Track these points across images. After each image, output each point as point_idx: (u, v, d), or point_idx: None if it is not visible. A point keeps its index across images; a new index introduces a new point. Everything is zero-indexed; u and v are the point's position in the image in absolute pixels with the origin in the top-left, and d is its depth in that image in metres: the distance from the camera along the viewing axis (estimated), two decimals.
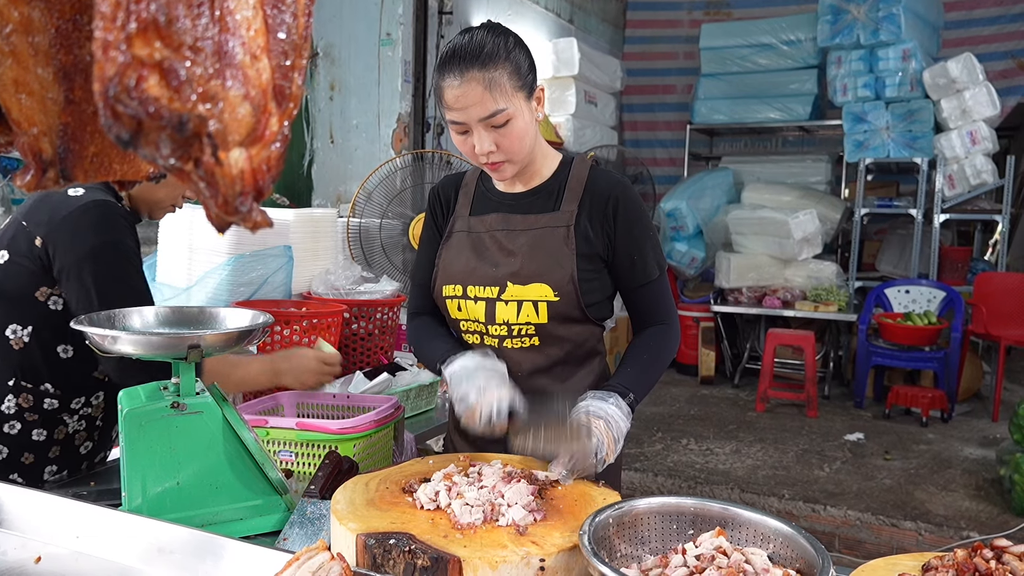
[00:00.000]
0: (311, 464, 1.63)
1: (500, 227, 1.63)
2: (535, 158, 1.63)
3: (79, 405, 1.77)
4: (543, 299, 1.56)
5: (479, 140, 1.49)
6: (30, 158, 0.61)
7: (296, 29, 0.60)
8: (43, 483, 1.76)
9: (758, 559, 1.07)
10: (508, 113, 1.47)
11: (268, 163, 0.57)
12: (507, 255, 1.60)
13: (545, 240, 1.58)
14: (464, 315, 1.64)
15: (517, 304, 1.58)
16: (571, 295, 1.56)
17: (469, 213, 1.69)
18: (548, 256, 1.57)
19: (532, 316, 1.58)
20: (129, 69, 0.46)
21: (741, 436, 5.27)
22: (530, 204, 1.64)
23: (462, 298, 1.63)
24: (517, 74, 1.48)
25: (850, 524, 3.98)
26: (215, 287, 2.29)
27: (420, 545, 1.08)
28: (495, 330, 1.61)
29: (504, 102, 1.46)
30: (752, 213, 6.53)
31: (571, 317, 1.59)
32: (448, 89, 1.47)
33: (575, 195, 1.61)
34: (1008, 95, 6.62)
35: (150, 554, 1.20)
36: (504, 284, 1.58)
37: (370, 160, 4.55)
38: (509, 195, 1.67)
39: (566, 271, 1.56)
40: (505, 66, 1.47)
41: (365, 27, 4.70)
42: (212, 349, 1.40)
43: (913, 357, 5.74)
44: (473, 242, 1.65)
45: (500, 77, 1.46)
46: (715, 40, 7.32)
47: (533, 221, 1.61)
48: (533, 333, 1.60)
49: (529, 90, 1.52)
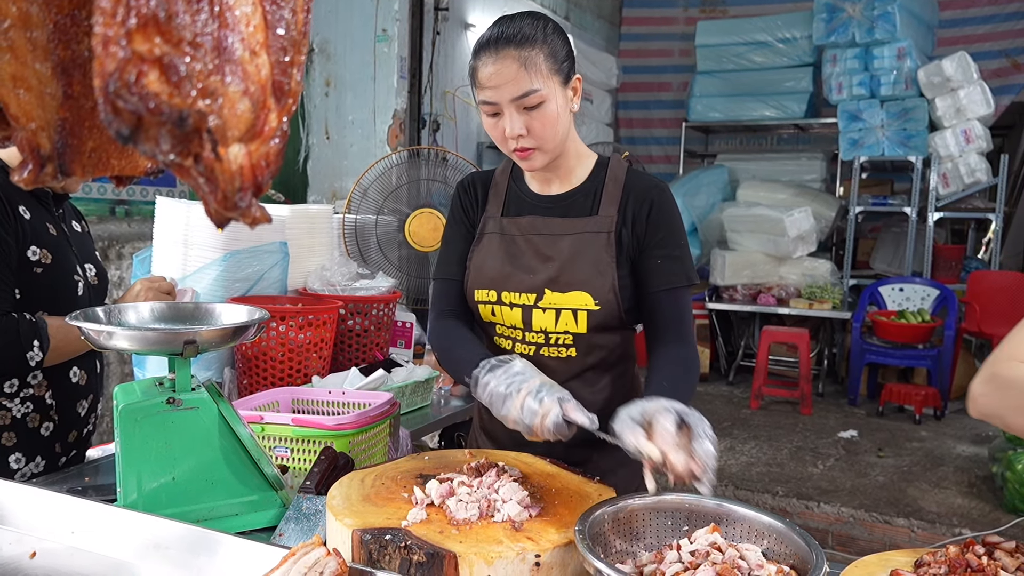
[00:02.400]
0: (307, 460, 1.63)
1: (537, 231, 1.56)
2: (569, 156, 1.57)
3: (14, 388, 1.76)
4: (583, 308, 1.51)
5: (510, 122, 1.44)
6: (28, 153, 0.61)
7: (295, 25, 0.60)
8: (15, 474, 1.76)
9: (752, 555, 1.07)
10: (542, 95, 1.43)
11: (267, 159, 0.58)
12: (544, 260, 1.54)
13: (585, 246, 1.52)
14: (499, 320, 1.58)
15: (555, 312, 1.52)
16: (612, 304, 1.50)
17: (501, 214, 1.62)
18: (589, 264, 1.51)
19: (571, 325, 1.52)
20: (129, 65, 0.46)
21: (735, 433, 5.28)
22: (567, 207, 1.57)
23: (496, 304, 1.57)
24: (553, 57, 1.45)
25: (843, 521, 4.00)
26: (210, 283, 2.29)
27: (416, 541, 1.08)
28: (532, 337, 1.56)
29: (539, 82, 1.42)
30: (747, 211, 6.55)
31: (610, 326, 1.54)
32: (482, 67, 1.45)
33: (613, 198, 1.55)
34: (1002, 94, 6.64)
35: (145, 550, 1.20)
36: (542, 291, 1.52)
37: (366, 156, 4.54)
38: (545, 197, 1.60)
39: (607, 280, 1.50)
40: (542, 48, 1.44)
41: (361, 23, 4.69)
42: (208, 345, 1.40)
43: (907, 355, 5.76)
44: (507, 245, 1.58)
45: (536, 57, 1.42)
46: (711, 38, 7.33)
47: (571, 225, 1.54)
48: (571, 343, 1.54)
49: (565, 77, 1.48)
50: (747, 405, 5.99)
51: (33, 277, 1.75)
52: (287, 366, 2.22)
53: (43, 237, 1.78)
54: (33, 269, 1.75)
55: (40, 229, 1.78)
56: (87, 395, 1.91)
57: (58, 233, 1.85)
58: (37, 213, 1.80)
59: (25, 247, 1.74)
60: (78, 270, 1.87)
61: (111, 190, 3.76)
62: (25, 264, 1.74)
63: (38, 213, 1.80)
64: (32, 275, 1.74)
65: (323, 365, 2.32)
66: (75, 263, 1.87)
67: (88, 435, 1.96)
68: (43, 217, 1.82)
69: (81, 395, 1.89)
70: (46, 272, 1.77)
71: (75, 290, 1.83)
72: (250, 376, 2.24)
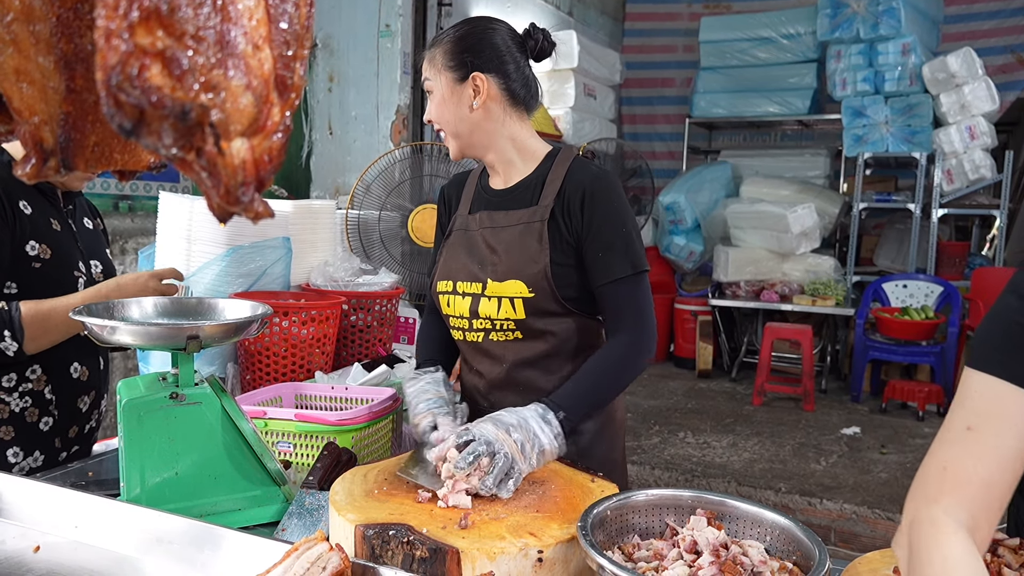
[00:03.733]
0: (310, 455, 1.63)
1: (486, 224, 1.67)
2: (504, 151, 1.67)
3: (13, 383, 1.76)
4: (518, 295, 1.58)
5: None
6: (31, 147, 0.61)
7: (298, 19, 0.60)
8: (11, 468, 1.76)
9: (755, 552, 1.07)
10: (430, 84, 1.63)
11: (270, 153, 0.57)
12: (491, 252, 1.63)
13: (522, 236, 1.61)
14: (452, 311, 1.68)
15: (497, 300, 1.60)
16: (545, 290, 1.57)
17: (468, 212, 1.73)
18: (523, 252, 1.59)
19: (510, 312, 1.60)
20: (132, 58, 0.46)
21: (738, 429, 5.28)
22: (512, 200, 1.67)
23: (451, 294, 1.67)
24: (448, 54, 1.61)
25: (846, 517, 4.00)
26: (214, 278, 2.29)
27: (419, 536, 1.08)
28: (478, 324, 1.65)
29: (430, 73, 1.63)
30: (750, 207, 6.53)
31: (549, 311, 1.60)
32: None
33: (553, 187, 1.62)
34: (1007, 90, 6.61)
35: (149, 544, 1.20)
36: (485, 281, 1.62)
37: (369, 152, 4.54)
38: (495, 192, 1.70)
39: (539, 267, 1.57)
40: (443, 44, 1.62)
41: (364, 18, 4.68)
42: (211, 340, 1.40)
43: (910, 351, 5.75)
44: (467, 240, 1.69)
45: (435, 52, 1.62)
46: (714, 33, 7.30)
47: (513, 218, 1.64)
48: (514, 328, 1.62)
49: (459, 75, 1.61)
50: (750, 401, 5.99)
51: (31, 272, 1.75)
52: (290, 361, 2.22)
53: (44, 232, 1.78)
54: (31, 264, 1.75)
55: (41, 224, 1.78)
56: (89, 390, 1.91)
57: (63, 229, 1.85)
58: (40, 208, 1.80)
59: (23, 242, 1.74)
60: (80, 266, 1.87)
61: (115, 185, 3.76)
62: (23, 258, 1.74)
63: (41, 208, 1.80)
64: (30, 270, 1.75)
65: (326, 361, 2.32)
66: (77, 259, 1.87)
67: (92, 431, 1.96)
68: (46, 212, 1.82)
69: (83, 390, 1.89)
70: (45, 267, 1.77)
71: (75, 286, 1.83)
72: (253, 371, 2.24)
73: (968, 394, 0.95)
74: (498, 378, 1.67)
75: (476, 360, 1.71)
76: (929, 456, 0.94)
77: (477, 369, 1.72)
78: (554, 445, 1.37)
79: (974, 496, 0.88)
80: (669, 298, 7.09)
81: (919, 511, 0.89)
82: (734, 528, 1.17)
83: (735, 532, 1.17)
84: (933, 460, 0.93)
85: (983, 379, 0.94)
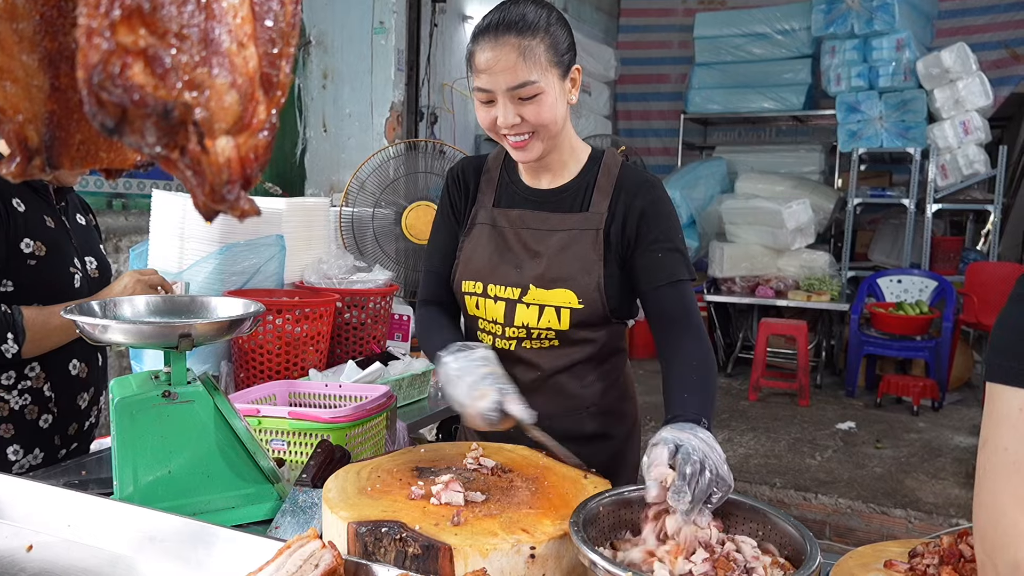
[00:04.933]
0: (303, 453, 1.63)
1: (526, 225, 1.54)
2: (563, 150, 1.54)
3: (12, 380, 1.76)
4: (567, 305, 1.49)
5: (503, 112, 1.41)
6: (16, 146, 0.61)
7: (283, 16, 0.59)
8: (11, 465, 1.76)
9: (747, 547, 1.08)
10: (539, 87, 1.39)
11: (256, 151, 0.57)
12: (532, 256, 1.52)
13: (573, 243, 1.50)
14: (482, 313, 1.57)
15: (539, 308, 1.51)
16: (596, 303, 1.49)
17: (493, 204, 1.59)
18: (575, 261, 1.49)
19: (553, 322, 1.51)
20: (113, 56, 0.46)
21: (733, 425, 5.29)
22: (558, 202, 1.55)
23: (482, 296, 1.56)
24: (554, 49, 1.41)
25: (841, 512, 4.01)
26: (207, 276, 2.28)
27: (411, 533, 1.08)
28: (512, 332, 1.54)
29: (536, 74, 1.39)
30: (745, 203, 6.54)
31: (593, 323, 1.52)
32: (480, 52, 1.41)
33: (605, 194, 1.52)
34: (1001, 85, 6.63)
35: (142, 542, 1.20)
36: (527, 286, 1.51)
37: (363, 149, 4.53)
38: (536, 190, 1.57)
39: (593, 278, 1.48)
40: (544, 38, 1.40)
41: (358, 15, 4.67)
42: (203, 338, 1.40)
43: (905, 346, 5.77)
44: (497, 237, 1.56)
45: (536, 48, 1.38)
46: (709, 29, 7.31)
47: (560, 221, 1.52)
48: (553, 337, 1.53)
49: (564, 69, 1.45)
50: (745, 397, 6.00)
51: (26, 269, 1.74)
52: (284, 359, 2.22)
53: (38, 229, 1.78)
54: (27, 261, 1.74)
55: (35, 221, 1.78)
56: (88, 387, 1.91)
57: (56, 225, 1.84)
58: (33, 205, 1.80)
59: (18, 239, 1.73)
60: (75, 263, 1.86)
61: (108, 183, 3.75)
62: (18, 256, 1.73)
63: (35, 205, 1.80)
64: (25, 267, 1.74)
65: (320, 358, 2.32)
66: (73, 256, 1.86)
67: (91, 428, 1.96)
68: (40, 209, 1.81)
69: (82, 387, 1.89)
70: (40, 264, 1.77)
71: (71, 283, 1.83)
72: (247, 369, 2.24)
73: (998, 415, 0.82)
74: (530, 384, 1.55)
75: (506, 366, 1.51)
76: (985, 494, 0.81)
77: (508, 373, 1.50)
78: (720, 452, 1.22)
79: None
80: None
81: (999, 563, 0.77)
82: (727, 523, 1.17)
83: (728, 527, 1.17)
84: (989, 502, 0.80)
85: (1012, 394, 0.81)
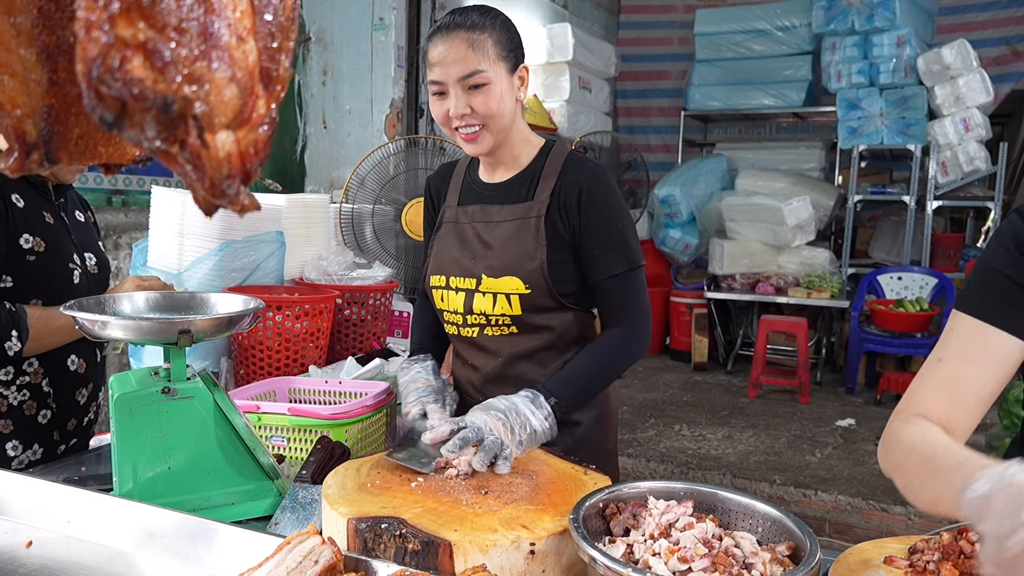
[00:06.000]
0: (303, 449, 1.63)
1: (480, 218, 1.65)
2: (514, 144, 1.63)
3: (10, 376, 1.76)
4: (515, 292, 1.57)
5: (454, 101, 1.50)
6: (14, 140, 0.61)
7: (283, 11, 0.59)
8: (11, 461, 1.76)
9: (747, 543, 1.08)
10: (486, 76, 1.49)
11: (255, 146, 0.57)
12: (485, 247, 1.62)
13: (518, 232, 1.59)
14: (446, 305, 1.67)
15: (492, 296, 1.59)
16: (542, 287, 1.57)
17: (457, 203, 1.71)
18: (519, 249, 1.58)
19: (507, 308, 1.59)
20: (112, 50, 0.46)
21: (733, 422, 5.29)
22: (507, 194, 1.64)
23: (445, 288, 1.66)
24: (501, 44, 1.52)
25: (840, 509, 4.01)
26: (207, 272, 2.28)
27: (411, 529, 1.08)
28: (472, 319, 1.64)
29: (485, 64, 1.49)
30: (745, 200, 6.53)
31: (546, 307, 1.60)
32: (433, 48, 1.51)
33: (549, 182, 1.60)
34: (1002, 82, 6.61)
35: (141, 538, 1.20)
36: (480, 276, 1.60)
37: (363, 146, 4.53)
38: (490, 185, 1.68)
39: (536, 263, 1.56)
40: (491, 34, 1.51)
41: (358, 12, 4.66)
42: (203, 334, 1.40)
43: (905, 343, 5.77)
44: (458, 233, 1.67)
45: (485, 41, 1.49)
46: (709, 26, 7.30)
47: (508, 212, 1.62)
48: (510, 323, 1.61)
49: (512, 65, 1.55)
50: (745, 394, 6.00)
51: (26, 265, 1.74)
52: (283, 356, 2.22)
53: (37, 225, 1.78)
54: (26, 257, 1.74)
55: (34, 217, 1.78)
56: (87, 383, 1.91)
57: (56, 222, 1.84)
58: (32, 201, 1.79)
59: (17, 235, 1.73)
60: (75, 259, 1.86)
61: (107, 180, 3.75)
62: (17, 252, 1.73)
63: (34, 201, 1.80)
64: (25, 263, 1.74)
65: (320, 355, 2.32)
66: (72, 252, 1.86)
67: (90, 423, 1.96)
68: (39, 205, 1.81)
69: (80, 383, 1.89)
70: (39, 260, 1.76)
71: (70, 279, 1.83)
72: (246, 366, 2.24)
73: (946, 333, 1.12)
74: (492, 372, 1.67)
75: (470, 355, 1.71)
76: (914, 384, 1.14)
77: (471, 363, 1.71)
78: (545, 427, 1.42)
79: (940, 416, 1.06)
80: (665, 291, 7.10)
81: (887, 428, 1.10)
82: (726, 520, 1.17)
83: (727, 524, 1.17)
84: (907, 392, 1.16)
85: (959, 318, 1.09)
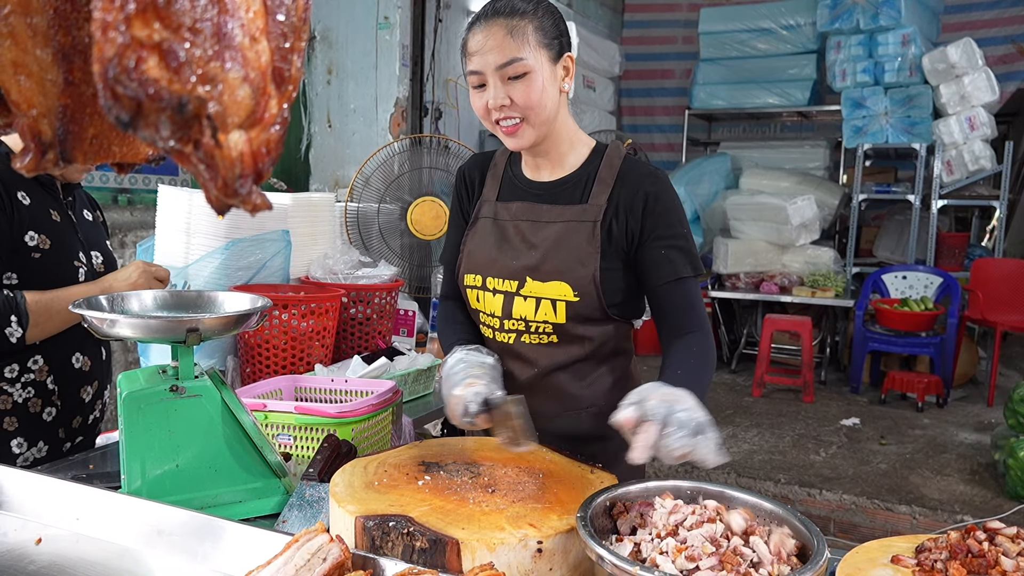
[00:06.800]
0: (310, 448, 1.63)
1: (525, 217, 1.54)
2: (560, 141, 1.54)
3: (15, 373, 1.77)
4: (562, 298, 1.48)
5: (493, 92, 1.42)
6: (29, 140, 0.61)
7: (295, 11, 0.60)
8: (17, 459, 1.76)
9: (763, 547, 1.08)
10: (526, 65, 1.40)
11: (268, 145, 0.57)
12: (529, 248, 1.52)
13: (569, 236, 1.50)
14: (481, 307, 1.58)
15: (536, 301, 1.50)
16: (592, 296, 1.48)
17: (496, 198, 1.61)
18: (571, 253, 1.48)
19: (550, 315, 1.50)
20: (128, 50, 0.46)
21: (738, 421, 5.29)
22: (557, 194, 1.54)
23: (481, 289, 1.57)
24: (542, 31, 1.43)
25: (845, 508, 4.01)
26: (213, 271, 2.29)
27: (419, 527, 1.08)
28: (510, 325, 1.54)
29: (525, 52, 1.40)
30: (750, 199, 6.53)
31: (591, 317, 1.51)
32: (472, 38, 1.44)
33: (605, 187, 1.51)
34: (1007, 80, 6.60)
35: (150, 536, 1.21)
36: (523, 279, 1.51)
37: (368, 145, 4.54)
38: (536, 183, 1.58)
39: (588, 271, 1.47)
40: (532, 20, 1.42)
41: (363, 11, 4.67)
42: (210, 333, 1.40)
43: (909, 343, 5.76)
44: (498, 231, 1.57)
45: (524, 28, 1.41)
46: (714, 25, 7.29)
47: (559, 213, 1.52)
48: (551, 331, 1.52)
49: (555, 53, 1.46)
50: (749, 393, 6.00)
51: (31, 262, 1.75)
52: (290, 354, 2.22)
53: (43, 223, 1.79)
54: (31, 254, 1.75)
55: (41, 215, 1.79)
56: (92, 381, 1.92)
57: (62, 220, 1.85)
58: (39, 199, 1.80)
59: (22, 232, 1.74)
60: (80, 257, 1.87)
61: (113, 178, 3.76)
62: (22, 249, 1.74)
63: (40, 199, 1.81)
64: (30, 260, 1.75)
65: (326, 353, 2.33)
66: (78, 250, 1.87)
67: (96, 421, 1.97)
68: (46, 203, 1.82)
69: (85, 381, 1.90)
70: (44, 257, 1.77)
71: (75, 277, 1.84)
72: (253, 364, 2.24)
73: None
74: (528, 382, 1.57)
75: (505, 361, 1.58)
76: None
77: (506, 370, 1.58)
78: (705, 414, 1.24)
79: None
80: None
81: None
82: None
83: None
84: None
85: None
